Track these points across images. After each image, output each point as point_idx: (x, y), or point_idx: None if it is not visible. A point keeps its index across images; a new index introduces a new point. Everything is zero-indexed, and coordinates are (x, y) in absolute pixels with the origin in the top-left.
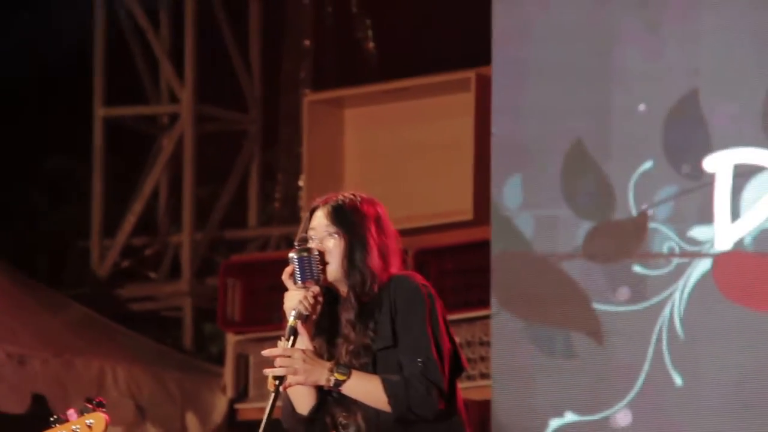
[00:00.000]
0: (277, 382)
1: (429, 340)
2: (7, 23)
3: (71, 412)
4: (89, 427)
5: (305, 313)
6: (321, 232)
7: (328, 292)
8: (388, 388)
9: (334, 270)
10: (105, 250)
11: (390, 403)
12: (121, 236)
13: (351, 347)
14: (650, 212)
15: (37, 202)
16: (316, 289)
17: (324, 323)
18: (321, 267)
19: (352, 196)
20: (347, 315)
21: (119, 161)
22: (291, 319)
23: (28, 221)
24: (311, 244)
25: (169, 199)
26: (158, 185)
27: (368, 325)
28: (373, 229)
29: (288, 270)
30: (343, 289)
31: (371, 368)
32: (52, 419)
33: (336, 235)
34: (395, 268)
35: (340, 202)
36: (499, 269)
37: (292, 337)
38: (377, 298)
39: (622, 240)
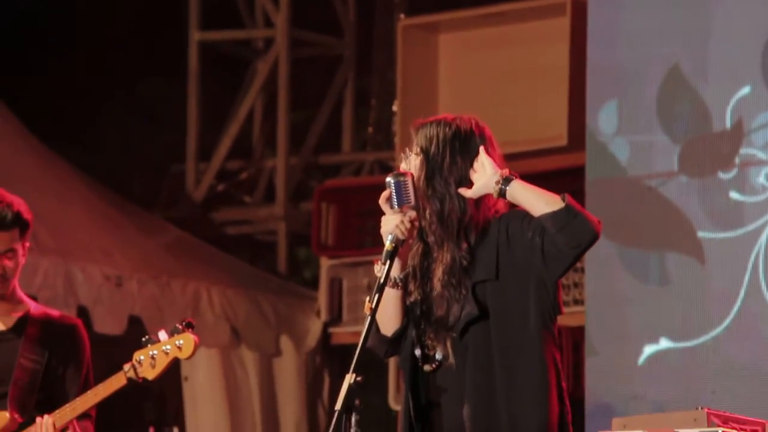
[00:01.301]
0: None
1: None
2: None
3: (162, 333)
4: (179, 347)
5: (402, 237)
6: (413, 149)
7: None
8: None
9: (417, 188)
10: (200, 173)
11: (564, 199)
12: (216, 160)
13: (445, 275)
14: (747, 139)
15: (132, 126)
16: (412, 213)
17: (421, 244)
18: (416, 191)
19: (452, 117)
20: (439, 241)
21: (214, 85)
22: (387, 243)
23: (123, 145)
24: (403, 164)
25: (263, 124)
26: (253, 109)
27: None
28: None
29: (385, 194)
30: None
31: (471, 301)
32: (144, 339)
33: (420, 152)
34: (502, 203)
35: (432, 121)
36: (594, 195)
37: (388, 261)
38: (480, 234)
39: (717, 151)
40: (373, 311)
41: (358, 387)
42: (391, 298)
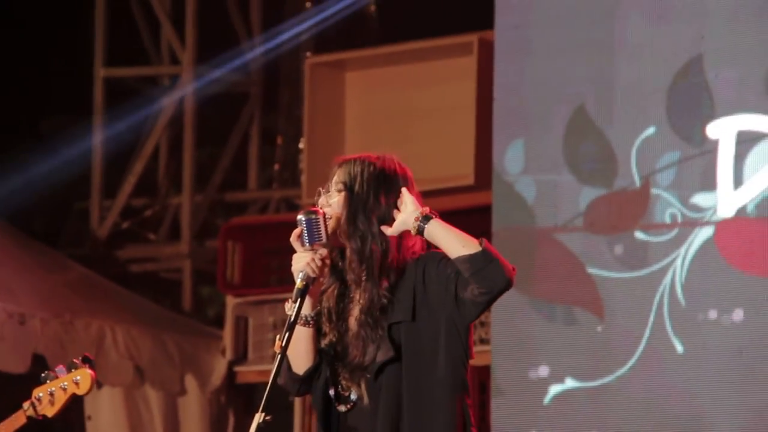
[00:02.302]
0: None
1: None
2: None
3: (60, 368)
4: (76, 383)
5: (312, 275)
6: (332, 187)
7: (341, 252)
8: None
9: (335, 226)
10: (104, 210)
11: (480, 244)
12: (120, 197)
13: (362, 315)
14: (652, 179)
15: (34, 163)
16: (323, 251)
17: (336, 285)
18: (328, 230)
19: (376, 156)
20: (356, 280)
21: (119, 122)
22: (298, 281)
23: (25, 182)
24: (321, 199)
25: (169, 161)
26: (158, 146)
27: (382, 297)
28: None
29: (296, 232)
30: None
31: (386, 342)
32: (42, 375)
33: (342, 190)
34: (420, 245)
35: (355, 158)
36: (500, 238)
37: (299, 299)
38: (398, 275)
39: (624, 210)
40: (284, 349)
41: (266, 426)
42: (302, 336)
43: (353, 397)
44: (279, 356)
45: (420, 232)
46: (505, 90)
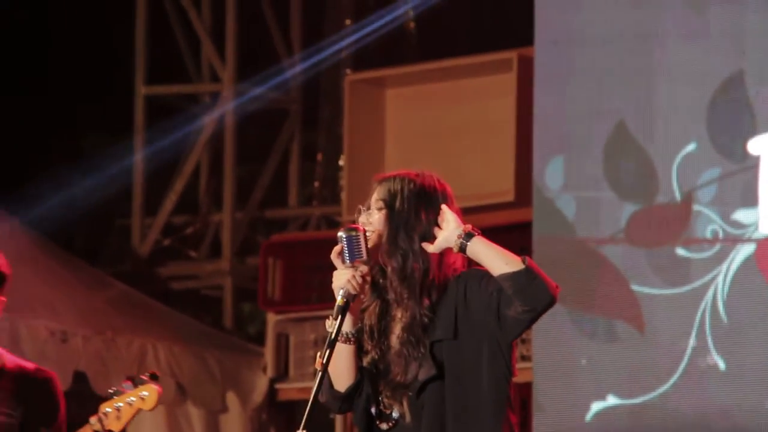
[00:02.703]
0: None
1: None
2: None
3: (127, 384)
4: (143, 399)
5: (353, 292)
6: (372, 204)
7: (382, 270)
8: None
9: (377, 245)
10: (146, 228)
11: (524, 261)
12: (162, 214)
13: (404, 333)
14: (693, 195)
15: (76, 180)
16: (364, 268)
17: (378, 303)
18: (369, 247)
19: (420, 173)
20: (398, 298)
21: (160, 139)
22: (339, 298)
23: (67, 200)
24: (362, 217)
25: (210, 178)
26: (199, 164)
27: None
28: (424, 208)
29: (336, 249)
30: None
31: (428, 360)
32: (111, 391)
33: (383, 208)
34: (461, 262)
35: (395, 176)
36: (541, 253)
37: (340, 317)
38: (439, 293)
39: (665, 225)
40: (324, 366)
41: None
42: (343, 353)
43: (395, 414)
44: (320, 374)
45: (462, 249)
46: (545, 106)
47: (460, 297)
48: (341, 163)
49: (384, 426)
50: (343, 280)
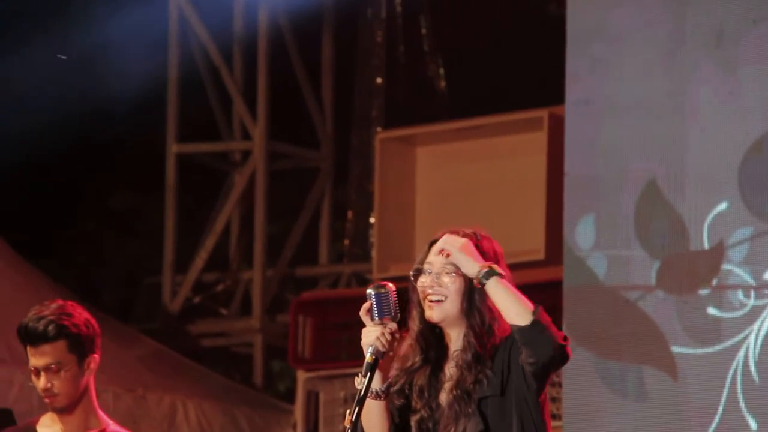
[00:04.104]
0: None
1: None
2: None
3: None
4: None
5: (382, 349)
6: (438, 267)
7: (432, 331)
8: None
9: (448, 309)
10: (176, 285)
11: (534, 312)
12: (192, 272)
13: (456, 390)
14: (725, 254)
15: (105, 238)
16: (393, 325)
17: (429, 363)
18: (398, 304)
19: (473, 233)
20: (463, 356)
21: (190, 197)
22: (368, 356)
23: (96, 257)
24: (424, 278)
25: (240, 236)
26: (230, 221)
27: (479, 372)
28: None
29: (365, 306)
30: (453, 330)
31: (477, 416)
32: None
33: (454, 273)
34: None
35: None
36: (572, 306)
37: (369, 374)
38: (493, 351)
39: (696, 271)
40: (354, 425)
41: None
42: (374, 409)
43: None
44: (348, 431)
45: (482, 283)
46: (576, 165)
47: (506, 356)
48: (372, 220)
49: None
50: (372, 337)
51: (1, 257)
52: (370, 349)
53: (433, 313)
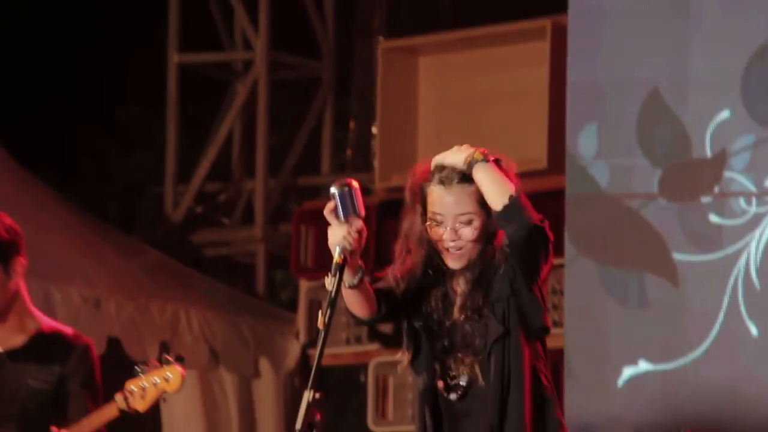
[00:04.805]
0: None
1: None
2: None
3: (153, 363)
4: (167, 380)
5: (350, 248)
6: (451, 220)
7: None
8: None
9: (467, 255)
10: (178, 195)
11: (510, 196)
12: (195, 182)
13: (468, 303)
14: (727, 161)
15: (109, 148)
16: (359, 223)
17: (433, 292)
18: (361, 200)
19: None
20: (472, 273)
21: (193, 107)
22: (336, 256)
23: (100, 168)
24: (440, 230)
25: (242, 146)
26: (232, 132)
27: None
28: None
29: (329, 206)
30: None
31: (494, 320)
32: (136, 367)
33: (471, 223)
34: None
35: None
36: (574, 214)
37: (338, 274)
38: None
39: (698, 177)
40: (327, 326)
41: (317, 404)
42: (352, 295)
43: (463, 383)
44: (323, 333)
45: (470, 167)
46: (579, 74)
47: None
48: (374, 130)
49: (453, 396)
50: (338, 237)
51: (2, 167)
52: (338, 248)
53: (455, 263)
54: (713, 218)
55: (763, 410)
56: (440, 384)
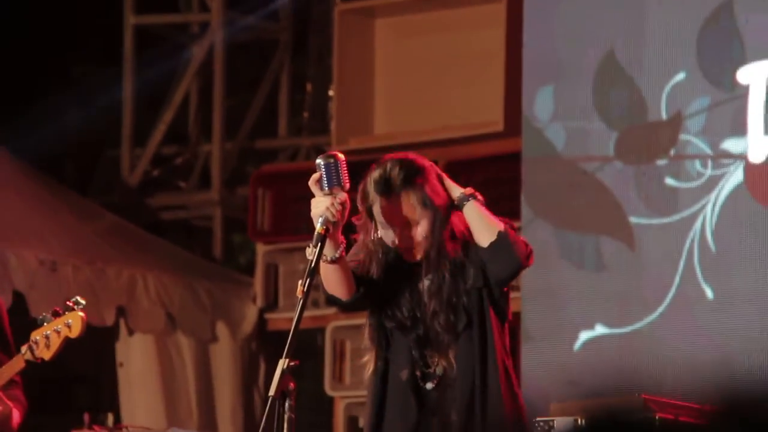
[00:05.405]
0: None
1: None
2: None
3: (56, 311)
4: (68, 326)
5: (332, 219)
6: (398, 218)
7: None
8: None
9: (422, 247)
10: (135, 158)
11: (502, 228)
12: (151, 145)
13: (436, 292)
14: (683, 124)
15: (65, 111)
16: (343, 195)
17: (402, 286)
18: (347, 173)
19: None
20: (434, 263)
21: (149, 70)
22: (318, 226)
23: (56, 130)
24: (387, 233)
25: (199, 109)
26: (188, 94)
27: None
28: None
29: (315, 176)
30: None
31: (461, 311)
32: (39, 318)
33: (419, 221)
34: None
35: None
36: (530, 177)
37: (319, 244)
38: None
39: (654, 139)
40: (305, 295)
41: (292, 371)
42: (330, 271)
43: (439, 371)
44: (301, 302)
45: (461, 206)
46: (535, 36)
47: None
48: (331, 93)
49: (429, 385)
50: (322, 207)
51: None
52: (321, 219)
53: (411, 256)
54: (669, 181)
55: (718, 372)
56: (418, 374)
